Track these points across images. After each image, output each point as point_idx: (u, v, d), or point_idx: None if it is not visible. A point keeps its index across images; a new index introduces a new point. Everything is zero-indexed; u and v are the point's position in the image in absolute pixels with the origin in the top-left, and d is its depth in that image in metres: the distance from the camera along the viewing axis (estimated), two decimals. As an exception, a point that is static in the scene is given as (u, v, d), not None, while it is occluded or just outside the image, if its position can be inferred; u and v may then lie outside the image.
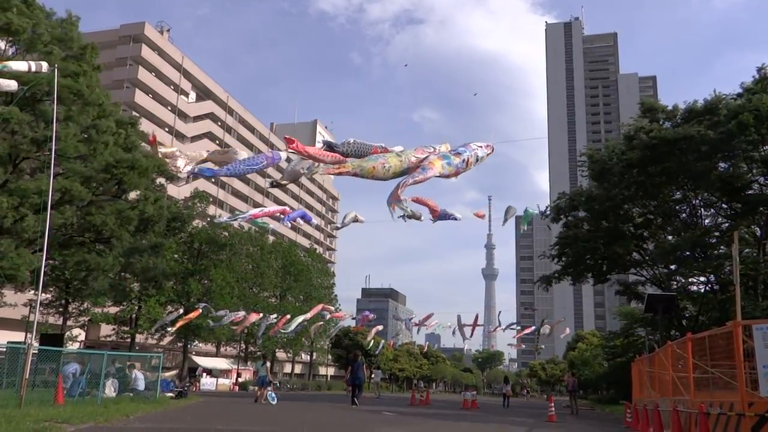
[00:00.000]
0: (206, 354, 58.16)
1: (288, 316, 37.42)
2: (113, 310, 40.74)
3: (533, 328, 43.01)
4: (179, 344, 48.50)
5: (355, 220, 19.88)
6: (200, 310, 33.25)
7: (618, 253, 32.67)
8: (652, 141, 29.04)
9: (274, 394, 25.18)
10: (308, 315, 37.21)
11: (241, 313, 34.16)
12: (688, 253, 29.29)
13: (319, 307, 39.29)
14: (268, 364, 34.69)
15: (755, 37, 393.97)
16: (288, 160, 13.51)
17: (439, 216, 16.01)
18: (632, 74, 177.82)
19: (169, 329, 37.42)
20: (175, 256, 38.37)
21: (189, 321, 33.89)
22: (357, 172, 10.58)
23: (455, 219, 17.45)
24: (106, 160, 26.79)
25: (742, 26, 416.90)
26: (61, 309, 36.04)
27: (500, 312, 46.22)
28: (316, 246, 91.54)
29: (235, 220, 26.47)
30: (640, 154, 29.52)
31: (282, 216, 21.92)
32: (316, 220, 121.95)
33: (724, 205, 31.18)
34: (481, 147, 13.26)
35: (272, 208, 23.89)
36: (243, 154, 14.07)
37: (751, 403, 9.82)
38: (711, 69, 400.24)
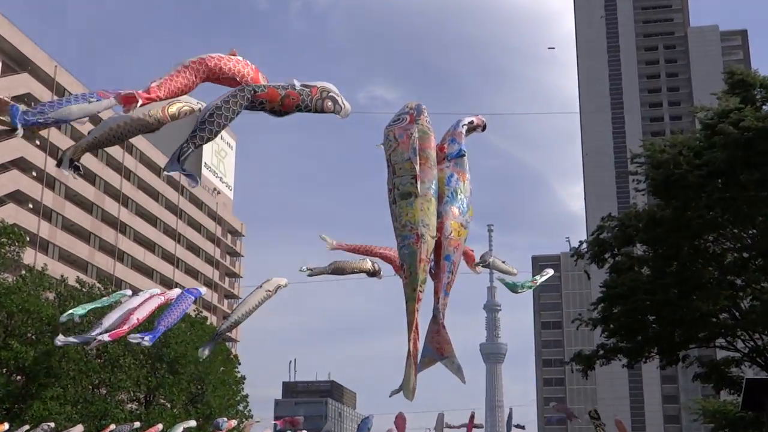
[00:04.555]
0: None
1: (159, 427, 25.09)
2: None
3: None
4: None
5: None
6: None
7: (699, 312, 24.28)
8: (745, 134, 22.12)
9: None
10: None
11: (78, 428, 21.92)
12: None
13: None
14: None
15: None
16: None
17: None
18: (710, 27, 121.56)
19: None
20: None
21: None
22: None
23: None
24: None
25: None
26: None
27: (511, 410, 30.59)
28: (205, 313, 55.74)
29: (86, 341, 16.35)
30: (726, 154, 22.54)
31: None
32: (206, 270, 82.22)
33: None
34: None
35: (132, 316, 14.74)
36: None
37: None
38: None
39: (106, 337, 14.32)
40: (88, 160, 63.22)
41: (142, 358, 33.94)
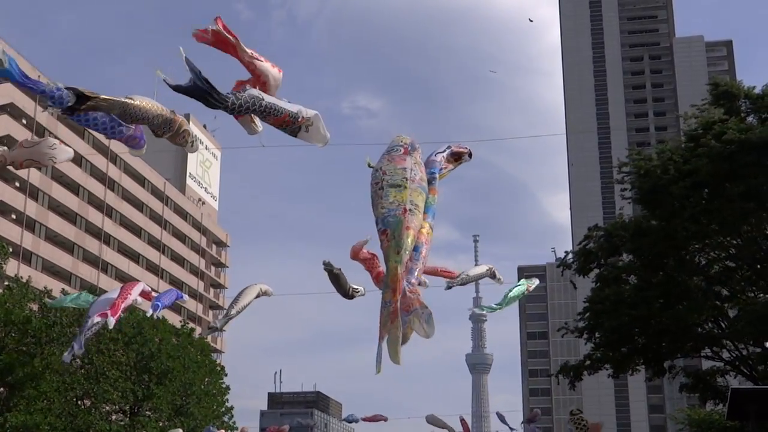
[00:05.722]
0: None
1: None
2: None
3: None
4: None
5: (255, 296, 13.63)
6: None
7: (685, 322, 23.55)
8: (728, 147, 21.80)
9: None
10: None
11: None
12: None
13: None
14: None
15: None
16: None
17: None
18: (696, 37, 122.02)
19: None
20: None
21: None
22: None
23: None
24: None
25: None
26: None
27: (499, 413, 31.17)
28: (190, 323, 50.29)
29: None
30: (711, 165, 22.13)
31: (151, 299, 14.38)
32: (190, 281, 79.36)
33: None
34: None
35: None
36: (67, 150, 9.85)
37: None
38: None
39: (111, 320, 13.01)
40: (72, 170, 60.50)
41: (127, 369, 32.80)
